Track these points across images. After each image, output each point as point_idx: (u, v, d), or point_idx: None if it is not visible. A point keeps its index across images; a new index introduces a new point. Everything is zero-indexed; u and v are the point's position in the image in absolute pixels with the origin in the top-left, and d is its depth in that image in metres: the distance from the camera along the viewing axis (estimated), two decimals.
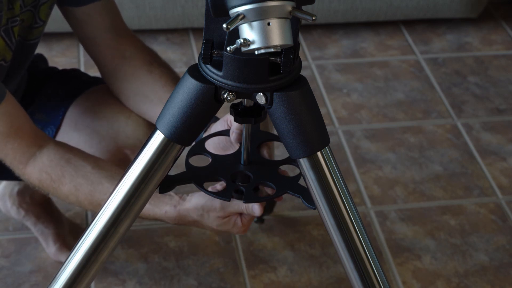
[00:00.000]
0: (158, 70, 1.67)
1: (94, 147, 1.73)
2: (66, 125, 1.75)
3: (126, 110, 1.73)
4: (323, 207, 1.32)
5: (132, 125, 1.72)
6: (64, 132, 1.75)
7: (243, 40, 1.14)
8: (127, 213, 1.36)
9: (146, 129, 1.73)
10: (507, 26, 2.94)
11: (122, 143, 1.73)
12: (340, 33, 2.87)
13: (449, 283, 1.99)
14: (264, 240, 2.08)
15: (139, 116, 1.73)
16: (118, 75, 1.69)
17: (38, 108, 1.77)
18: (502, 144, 2.42)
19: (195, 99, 1.25)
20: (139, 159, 1.33)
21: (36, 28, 1.61)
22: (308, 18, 1.14)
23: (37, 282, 1.95)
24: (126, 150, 1.74)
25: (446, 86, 2.64)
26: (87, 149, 1.73)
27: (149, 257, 2.03)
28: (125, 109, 1.73)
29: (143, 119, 1.73)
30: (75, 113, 1.75)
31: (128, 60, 1.67)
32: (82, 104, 1.76)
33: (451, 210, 2.20)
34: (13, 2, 1.50)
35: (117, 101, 1.75)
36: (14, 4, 1.50)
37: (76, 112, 1.75)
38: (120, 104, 1.74)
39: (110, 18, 1.66)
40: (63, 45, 2.73)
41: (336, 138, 2.41)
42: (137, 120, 1.73)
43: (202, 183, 1.41)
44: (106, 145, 1.73)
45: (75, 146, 1.74)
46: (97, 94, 1.78)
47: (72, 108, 1.76)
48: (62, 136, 1.75)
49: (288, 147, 1.28)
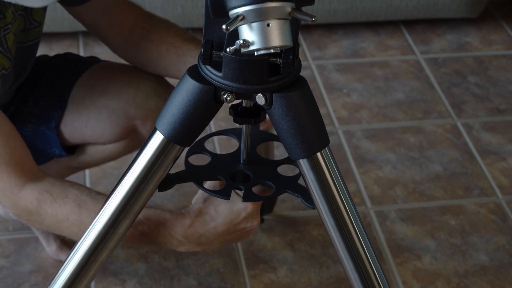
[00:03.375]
0: (170, 30, 1.69)
1: (104, 121, 1.74)
2: (73, 105, 1.76)
3: (134, 81, 1.74)
4: (323, 207, 1.32)
5: (142, 95, 1.73)
6: (71, 111, 1.76)
7: (243, 41, 1.14)
8: (127, 213, 1.36)
9: (157, 98, 1.74)
10: (507, 26, 2.94)
11: (132, 114, 1.74)
12: (340, 33, 2.87)
13: (449, 283, 1.99)
14: (264, 240, 2.08)
15: (149, 86, 1.74)
16: (130, 45, 1.71)
17: (41, 95, 1.78)
18: (502, 144, 2.42)
19: (195, 99, 1.25)
20: (139, 159, 1.34)
21: (31, 29, 1.61)
22: (308, 19, 1.14)
23: (37, 282, 1.95)
24: (135, 121, 1.74)
25: (446, 86, 2.64)
26: (97, 124, 1.75)
27: (149, 257, 2.03)
28: (133, 81, 1.74)
29: (153, 89, 1.74)
30: (81, 91, 1.76)
31: (135, 29, 1.69)
32: (86, 83, 1.77)
33: (451, 210, 2.20)
34: (4, 11, 1.50)
35: (123, 74, 1.76)
36: (5, 13, 1.50)
37: (82, 91, 1.76)
38: (127, 76, 1.75)
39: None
40: (63, 45, 2.73)
41: (336, 138, 2.41)
42: (146, 90, 1.73)
43: (202, 182, 1.41)
44: (116, 118, 1.74)
45: (85, 123, 1.76)
46: (99, 71, 1.79)
47: (77, 88, 1.76)
48: (69, 116, 1.75)
49: (288, 148, 1.28)
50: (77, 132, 1.77)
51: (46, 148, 1.79)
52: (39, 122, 1.76)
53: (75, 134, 1.78)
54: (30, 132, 1.77)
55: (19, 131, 1.76)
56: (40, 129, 1.76)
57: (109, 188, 2.17)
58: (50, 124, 1.76)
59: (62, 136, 1.77)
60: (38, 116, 1.76)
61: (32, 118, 1.76)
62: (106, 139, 1.78)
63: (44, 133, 1.77)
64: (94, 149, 1.84)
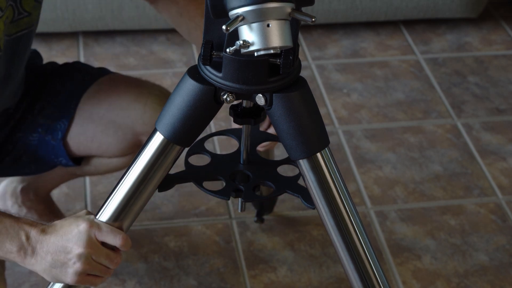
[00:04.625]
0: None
1: (110, 136, 1.74)
2: (80, 117, 1.75)
3: (142, 97, 1.74)
4: (323, 208, 1.32)
5: (150, 112, 1.73)
6: (78, 124, 1.75)
7: (243, 42, 1.14)
8: (127, 213, 1.36)
9: None
10: (507, 26, 2.94)
11: (139, 131, 1.73)
12: (340, 33, 2.87)
13: (449, 283, 1.99)
14: (264, 240, 2.08)
15: (156, 102, 1.73)
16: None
17: (47, 102, 1.77)
18: (502, 144, 2.42)
19: (195, 100, 1.26)
20: (139, 160, 1.34)
21: (20, 19, 1.55)
22: (308, 20, 1.14)
23: (37, 282, 1.95)
24: (142, 137, 1.74)
25: (446, 86, 2.64)
26: (104, 139, 1.74)
27: (149, 257, 2.03)
28: (141, 97, 1.74)
29: (160, 105, 1.73)
30: (88, 104, 1.75)
31: None
32: (94, 95, 1.76)
33: (451, 210, 2.20)
34: None
35: (131, 89, 1.75)
36: None
37: (89, 103, 1.75)
38: (135, 91, 1.75)
39: None
40: (63, 45, 2.73)
41: (336, 138, 2.41)
42: (154, 107, 1.73)
43: (202, 182, 1.41)
44: (123, 133, 1.74)
45: (91, 137, 1.75)
46: (108, 84, 1.78)
47: (84, 100, 1.76)
48: (76, 129, 1.75)
49: (288, 148, 1.28)
50: (82, 145, 1.77)
51: (52, 158, 1.79)
52: (45, 132, 1.76)
53: (80, 147, 1.77)
54: (36, 141, 1.76)
55: (25, 140, 1.76)
56: (46, 139, 1.76)
57: (109, 188, 2.17)
58: (56, 134, 1.76)
59: (68, 147, 1.77)
60: (43, 126, 1.76)
61: (37, 128, 1.76)
62: (112, 153, 1.78)
63: (50, 143, 1.76)
64: (99, 161, 1.84)
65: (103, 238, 1.37)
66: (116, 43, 2.74)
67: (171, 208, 2.16)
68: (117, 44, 2.74)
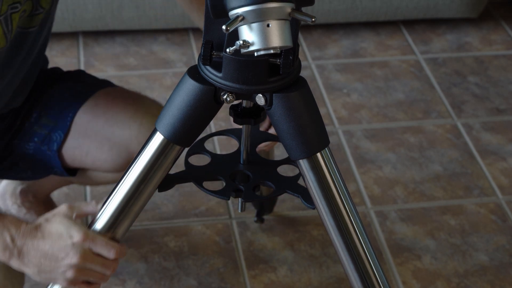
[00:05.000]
0: None
1: (105, 153, 1.73)
2: (75, 131, 1.74)
3: (138, 115, 1.73)
4: (323, 208, 1.32)
5: (144, 132, 1.71)
6: (73, 138, 1.74)
7: (243, 42, 1.14)
8: (126, 214, 1.36)
9: None
10: (507, 26, 2.94)
11: (134, 149, 1.72)
12: (340, 33, 2.87)
13: (449, 283, 1.99)
14: (264, 240, 2.08)
15: (151, 122, 1.71)
16: None
17: (44, 112, 1.76)
18: (502, 144, 2.42)
19: (195, 100, 1.26)
20: (139, 160, 1.34)
21: (36, 15, 1.56)
22: (308, 20, 1.14)
23: (37, 282, 1.95)
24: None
25: (446, 86, 2.64)
26: (98, 155, 1.74)
27: (149, 257, 2.03)
28: (137, 115, 1.73)
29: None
30: (85, 118, 1.74)
31: None
32: (91, 109, 1.75)
33: (451, 210, 2.20)
34: None
35: (128, 106, 1.74)
36: None
37: (86, 118, 1.74)
38: (131, 109, 1.73)
39: None
40: (63, 45, 2.73)
41: (336, 138, 2.41)
42: (149, 127, 1.71)
43: (202, 182, 1.41)
44: (117, 151, 1.73)
45: (85, 152, 1.74)
46: (105, 99, 1.76)
47: (80, 113, 1.74)
48: (71, 142, 1.74)
49: (288, 148, 1.28)
50: (77, 159, 1.76)
51: (48, 167, 1.79)
52: (41, 142, 1.75)
53: (75, 160, 1.77)
54: (32, 150, 1.76)
55: (21, 147, 1.76)
56: (42, 149, 1.75)
57: (109, 188, 2.17)
58: (52, 145, 1.75)
59: (63, 159, 1.77)
60: (40, 136, 1.75)
61: (34, 137, 1.75)
62: (106, 169, 1.78)
63: (46, 153, 1.76)
64: (94, 174, 1.84)
65: (97, 251, 1.37)
66: (116, 43, 2.74)
67: (171, 208, 2.16)
68: (117, 44, 2.74)
